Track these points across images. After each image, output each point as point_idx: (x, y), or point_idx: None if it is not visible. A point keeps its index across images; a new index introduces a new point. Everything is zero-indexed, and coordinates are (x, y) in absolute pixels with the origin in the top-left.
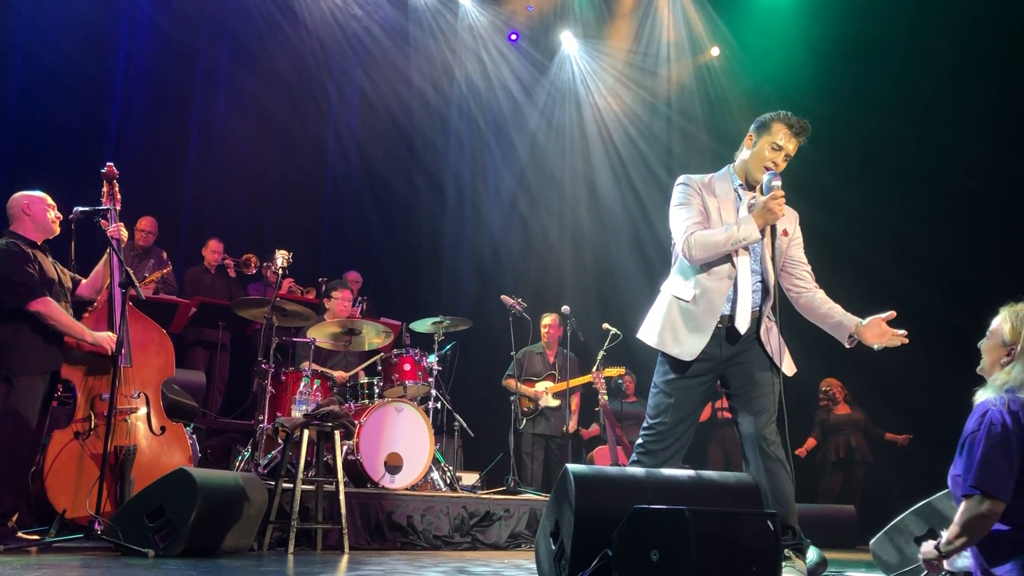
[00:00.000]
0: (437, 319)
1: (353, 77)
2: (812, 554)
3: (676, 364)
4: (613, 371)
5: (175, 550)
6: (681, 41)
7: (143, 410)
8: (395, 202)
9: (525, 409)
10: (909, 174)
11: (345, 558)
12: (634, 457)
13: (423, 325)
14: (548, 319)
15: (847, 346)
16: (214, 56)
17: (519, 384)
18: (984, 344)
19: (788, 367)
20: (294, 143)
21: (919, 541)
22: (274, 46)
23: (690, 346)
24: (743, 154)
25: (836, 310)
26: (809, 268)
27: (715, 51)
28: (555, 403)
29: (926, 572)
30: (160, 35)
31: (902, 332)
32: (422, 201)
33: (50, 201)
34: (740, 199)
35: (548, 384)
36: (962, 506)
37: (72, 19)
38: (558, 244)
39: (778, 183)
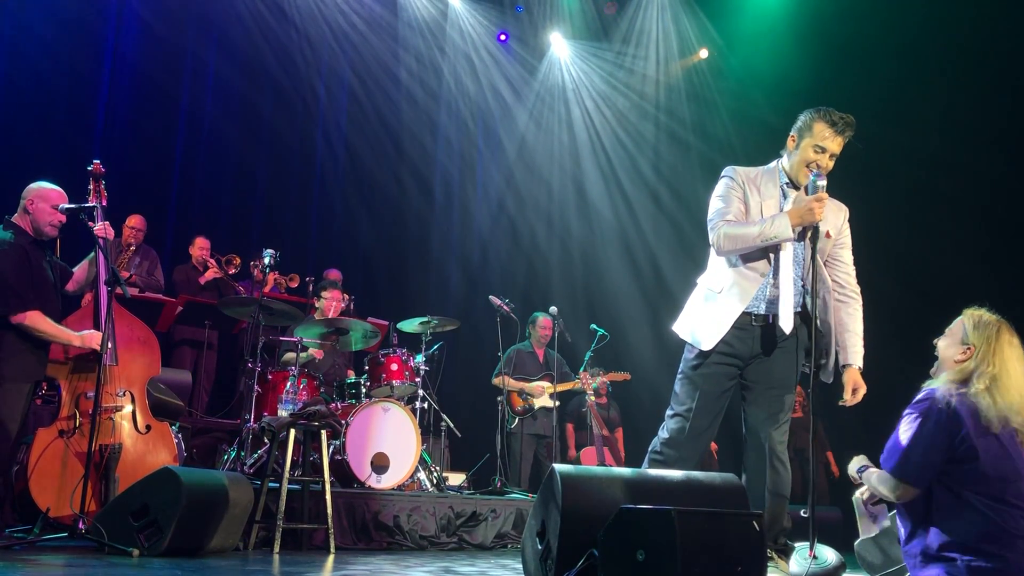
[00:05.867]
0: (424, 319)
1: (341, 75)
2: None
3: (700, 352)
4: (618, 376)
5: (159, 549)
6: (670, 42)
7: (128, 408)
8: (383, 201)
9: (518, 408)
10: (900, 179)
11: (331, 558)
12: (656, 447)
13: (410, 325)
14: (543, 319)
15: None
16: (202, 53)
17: (507, 381)
18: (941, 342)
19: (825, 374)
20: (282, 141)
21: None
22: (262, 44)
23: (709, 334)
24: (786, 155)
25: (849, 337)
26: (851, 272)
27: (704, 53)
28: (551, 404)
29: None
30: (148, 32)
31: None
32: (410, 201)
33: (59, 203)
34: (784, 197)
35: (546, 384)
36: (884, 476)
37: (59, 14)
38: (546, 245)
39: (823, 183)
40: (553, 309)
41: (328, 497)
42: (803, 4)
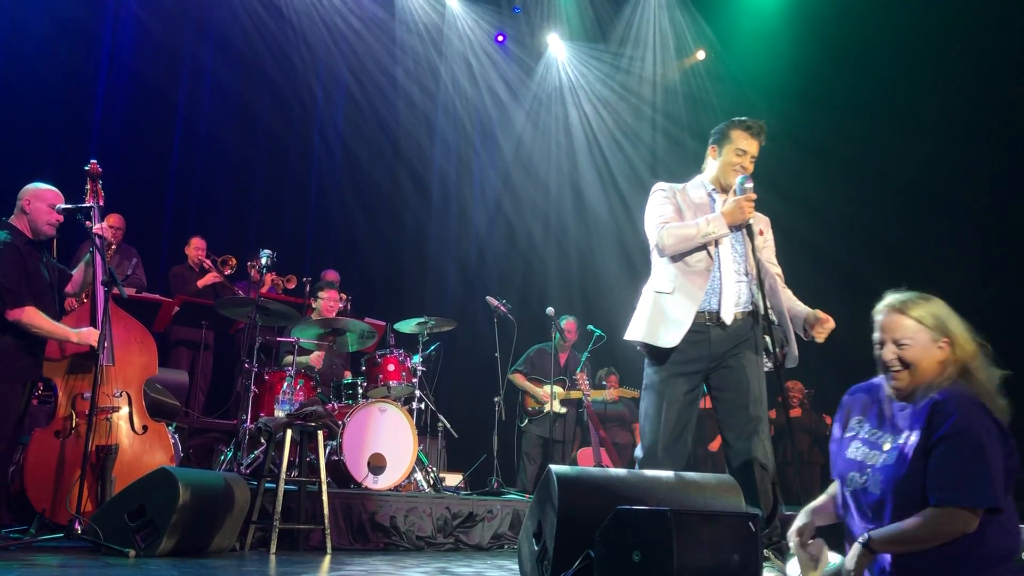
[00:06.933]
0: (422, 319)
1: (339, 76)
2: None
3: (661, 357)
4: (627, 392)
5: (156, 550)
6: (667, 44)
7: (125, 409)
8: (380, 202)
9: (529, 408)
10: (895, 180)
11: (327, 558)
12: (634, 462)
13: (407, 325)
14: (568, 322)
15: (803, 337)
16: (199, 54)
17: (519, 379)
18: (904, 352)
19: (790, 360)
20: (279, 142)
21: None
22: (260, 45)
23: (671, 334)
24: (710, 166)
25: (795, 306)
26: (779, 272)
27: (701, 54)
28: (562, 410)
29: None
30: (145, 32)
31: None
32: (407, 201)
33: (55, 203)
34: (714, 201)
35: (558, 390)
36: (941, 513)
37: (55, 15)
38: (543, 245)
39: (750, 184)
40: (550, 310)
41: (325, 498)
42: (799, 6)
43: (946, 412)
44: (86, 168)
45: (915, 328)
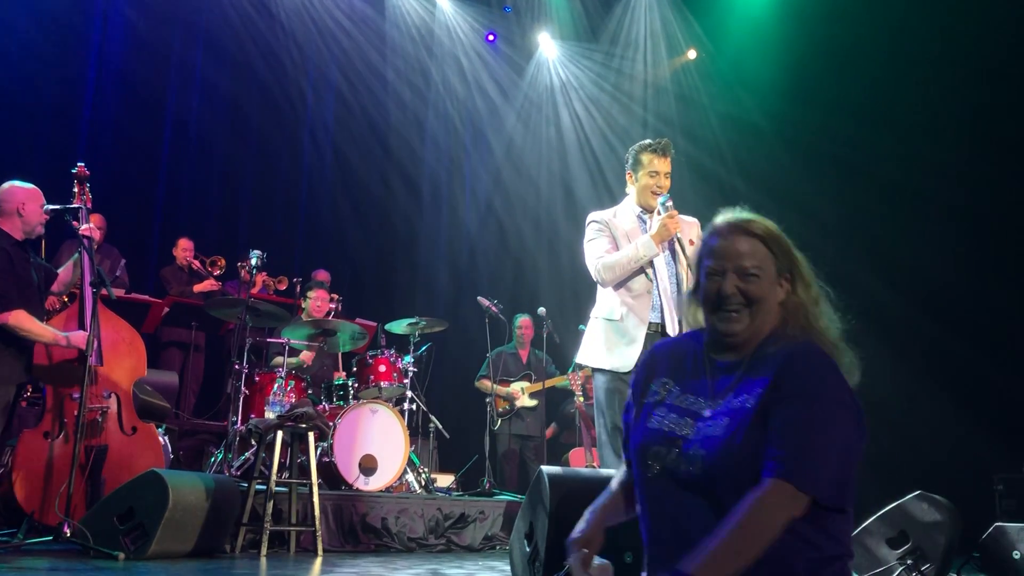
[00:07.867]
0: (413, 320)
1: (329, 77)
2: None
3: (611, 377)
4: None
5: (145, 552)
6: (658, 43)
7: (114, 410)
8: (370, 202)
9: (500, 410)
10: (885, 181)
11: (318, 560)
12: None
13: (399, 326)
14: (522, 320)
15: None
16: (188, 55)
17: (494, 384)
18: (749, 285)
19: None
20: (269, 142)
21: (891, 544)
22: (249, 45)
23: (627, 358)
24: (631, 190)
25: None
26: None
27: (692, 53)
28: (532, 403)
29: (899, 572)
30: (133, 33)
31: None
32: (398, 202)
33: (43, 203)
34: (644, 223)
35: (524, 384)
36: (768, 491)
37: (43, 16)
38: (534, 246)
39: (670, 203)
40: (541, 310)
41: (315, 499)
42: (789, 5)
43: (801, 371)
44: (73, 171)
45: (764, 256)
